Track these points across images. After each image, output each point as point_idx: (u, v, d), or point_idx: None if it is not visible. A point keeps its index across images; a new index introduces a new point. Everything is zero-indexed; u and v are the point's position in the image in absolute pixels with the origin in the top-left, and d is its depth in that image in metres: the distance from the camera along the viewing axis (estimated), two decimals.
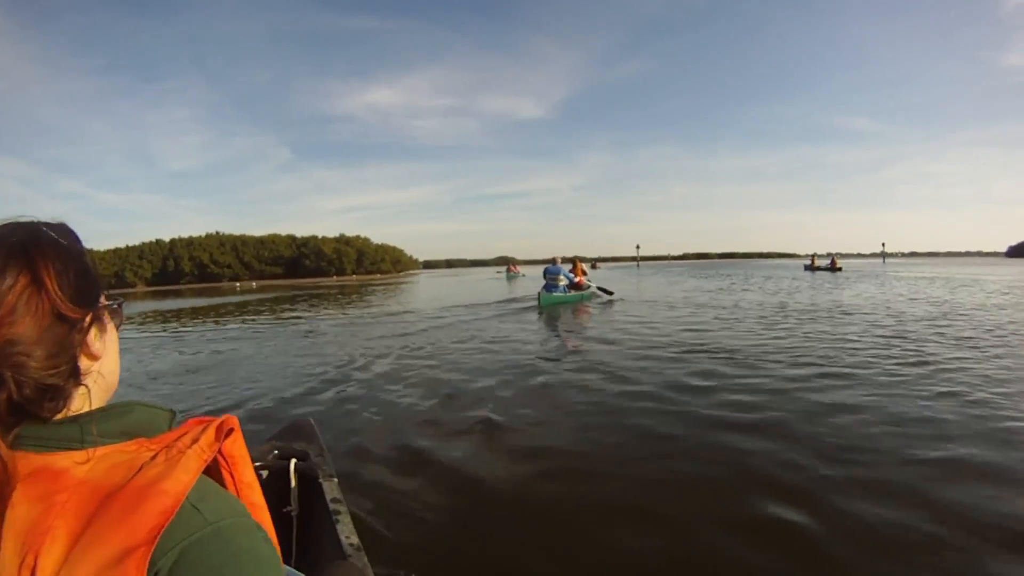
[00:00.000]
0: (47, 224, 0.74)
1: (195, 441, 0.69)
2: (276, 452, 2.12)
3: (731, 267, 74.90)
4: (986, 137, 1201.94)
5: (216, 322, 18.02)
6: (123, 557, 0.55)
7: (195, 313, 23.52)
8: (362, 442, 4.61)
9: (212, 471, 0.73)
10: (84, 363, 0.70)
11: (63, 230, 0.75)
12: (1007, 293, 17.90)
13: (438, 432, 4.85)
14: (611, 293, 19.30)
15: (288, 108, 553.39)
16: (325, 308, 22.14)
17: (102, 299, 0.77)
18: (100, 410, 0.70)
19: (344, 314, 18.51)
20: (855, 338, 8.88)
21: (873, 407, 5.03)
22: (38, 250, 0.67)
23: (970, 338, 8.69)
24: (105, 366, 0.74)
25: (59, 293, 0.66)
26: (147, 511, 0.58)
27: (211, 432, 0.73)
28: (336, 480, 2.10)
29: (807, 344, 8.36)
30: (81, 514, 0.58)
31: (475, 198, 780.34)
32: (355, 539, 1.78)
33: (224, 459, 0.76)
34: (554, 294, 17.58)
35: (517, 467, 4.00)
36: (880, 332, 9.51)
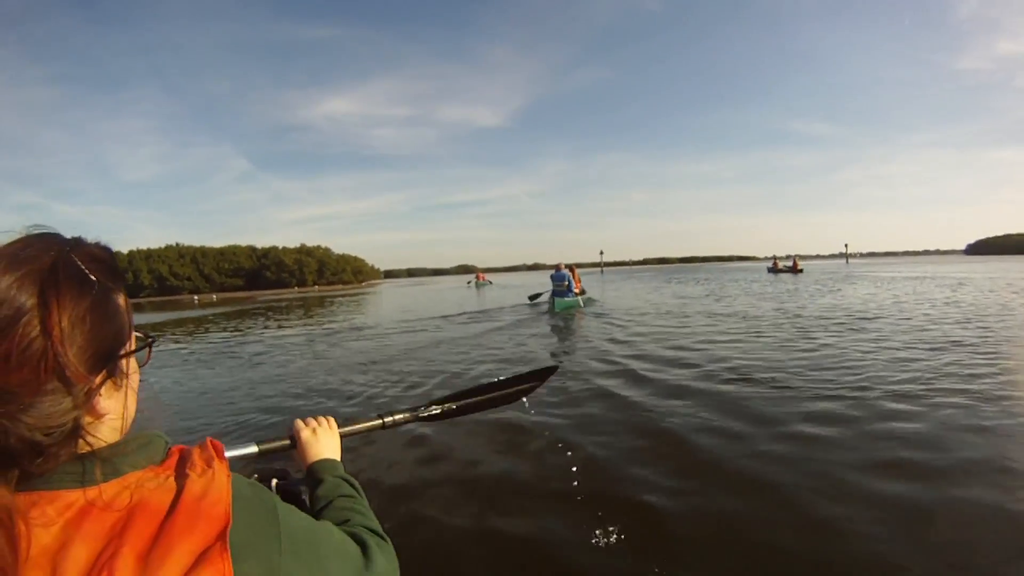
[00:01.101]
0: (80, 248, 0.66)
1: (209, 461, 0.70)
2: (256, 475, 1.56)
3: (696, 271, 74.37)
4: (940, 138, 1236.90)
5: (176, 341, 16.72)
6: (203, 555, 0.58)
7: (153, 330, 21.59)
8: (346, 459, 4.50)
9: None
10: (87, 420, 0.63)
11: (97, 259, 0.68)
12: (1016, 292, 17.43)
13: (422, 449, 4.74)
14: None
15: (246, 118, 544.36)
16: (289, 324, 20.87)
17: (129, 343, 0.72)
18: (131, 441, 0.68)
19: (308, 330, 17.34)
20: (908, 348, 8.17)
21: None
22: (54, 289, 0.59)
23: None
24: (120, 412, 0.70)
25: (66, 354, 0.58)
26: (211, 517, 0.61)
27: (210, 451, 0.72)
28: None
29: (867, 361, 7.37)
30: (143, 534, 0.58)
31: (434, 207, 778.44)
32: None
33: None
34: (566, 299, 18.42)
35: (518, 483, 3.93)
36: (930, 340, 8.85)
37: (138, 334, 0.74)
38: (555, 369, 2.04)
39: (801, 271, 46.04)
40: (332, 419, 1.30)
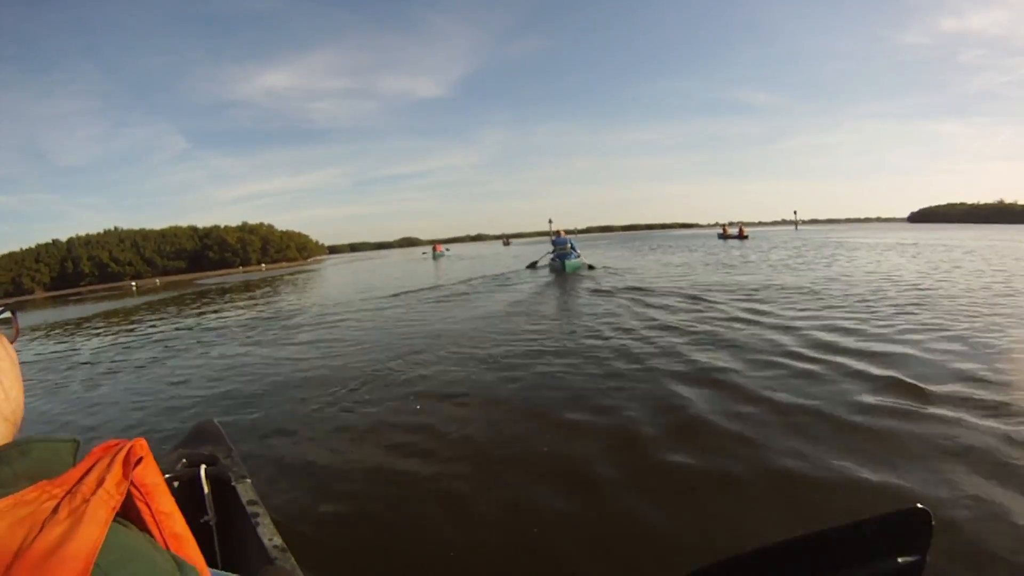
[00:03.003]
0: None
1: (100, 483, 0.56)
2: (184, 460, 2.00)
3: (648, 239, 72.32)
4: (882, 110, 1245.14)
5: (101, 335, 13.75)
6: None
7: (79, 324, 18.48)
8: (272, 441, 4.37)
9: (126, 504, 0.61)
10: None
11: None
12: None
13: (356, 428, 4.54)
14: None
15: (183, 95, 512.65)
16: (236, 310, 17.63)
17: None
18: (8, 448, 0.58)
19: (258, 319, 14.33)
20: None
21: None
22: None
23: None
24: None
25: None
26: None
27: (117, 468, 0.59)
28: (250, 481, 1.97)
29: None
30: None
31: (374, 180, 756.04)
32: (279, 540, 1.65)
33: (137, 489, 0.63)
34: (573, 260, 18.86)
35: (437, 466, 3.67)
36: None
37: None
38: (929, 520, 1.00)
39: (747, 237, 46.44)
40: None
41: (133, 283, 73.21)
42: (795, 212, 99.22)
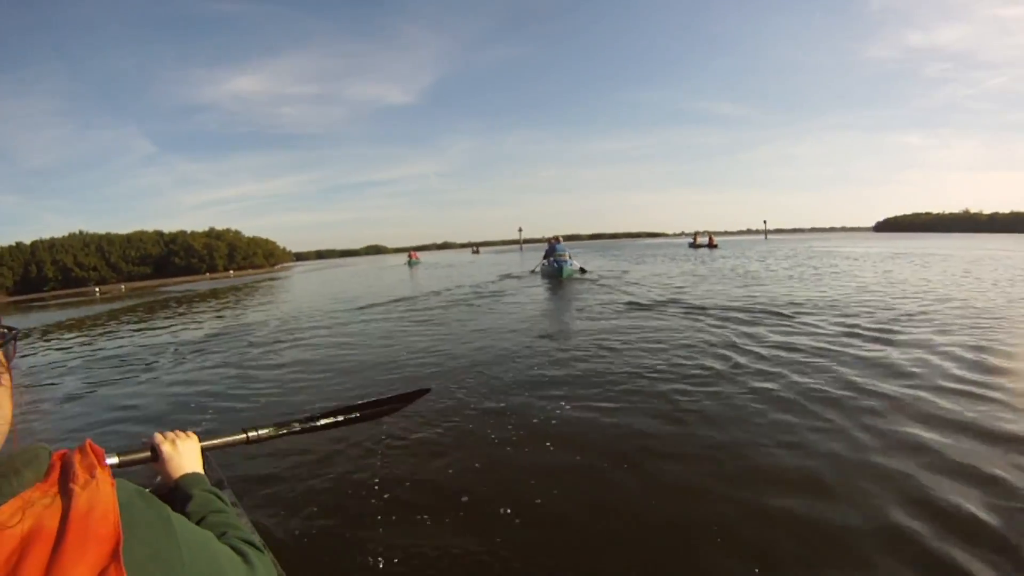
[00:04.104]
0: None
1: (91, 469, 0.66)
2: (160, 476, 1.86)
3: (620, 247, 72.02)
4: (847, 121, 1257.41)
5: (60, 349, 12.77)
6: None
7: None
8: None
9: None
10: None
11: None
12: None
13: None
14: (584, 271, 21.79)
15: (150, 98, 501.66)
16: (214, 324, 16.76)
17: None
18: (17, 457, 0.63)
19: (240, 340, 13.47)
20: None
21: None
22: None
23: None
24: None
25: None
26: (101, 536, 0.57)
27: (91, 456, 0.69)
28: (225, 483, 1.90)
29: None
30: (39, 563, 0.53)
31: (340, 187, 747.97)
32: (257, 539, 1.44)
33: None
34: (569, 267, 20.25)
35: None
36: None
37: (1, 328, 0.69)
38: (425, 392, 2.14)
39: (716, 247, 48.39)
40: (193, 433, 1.28)
41: (96, 289, 70.65)
42: (764, 222, 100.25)
